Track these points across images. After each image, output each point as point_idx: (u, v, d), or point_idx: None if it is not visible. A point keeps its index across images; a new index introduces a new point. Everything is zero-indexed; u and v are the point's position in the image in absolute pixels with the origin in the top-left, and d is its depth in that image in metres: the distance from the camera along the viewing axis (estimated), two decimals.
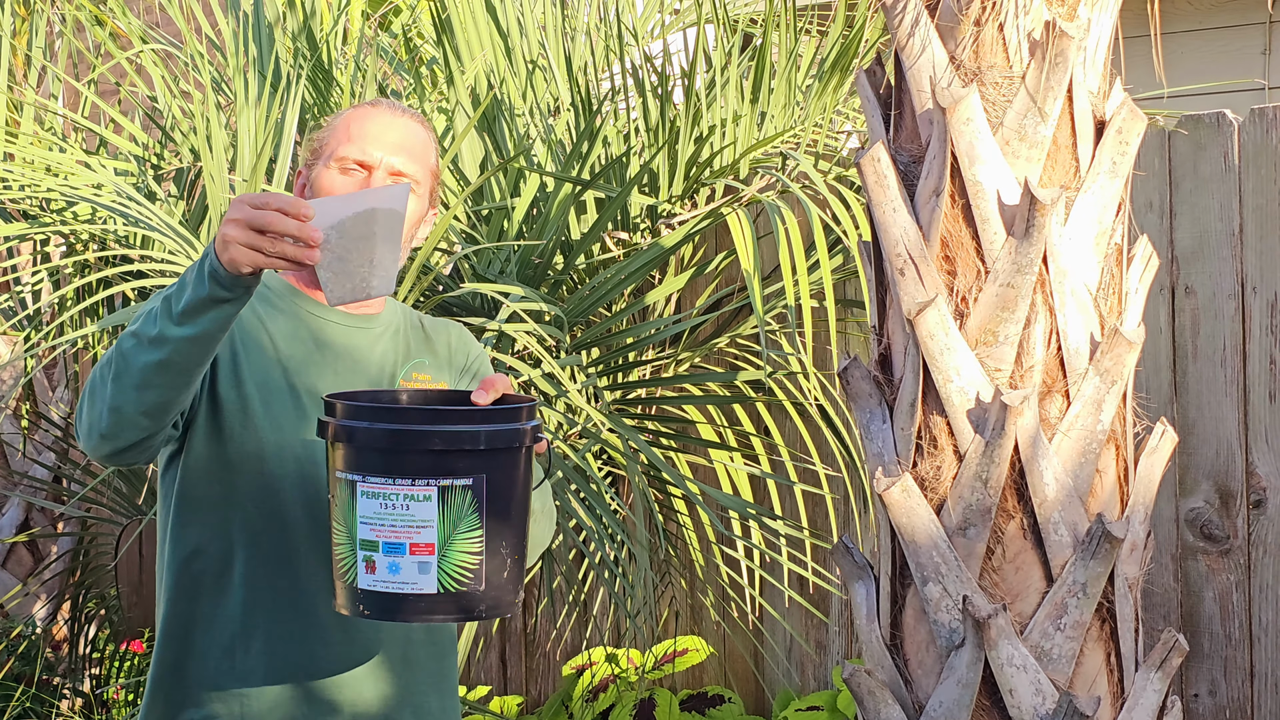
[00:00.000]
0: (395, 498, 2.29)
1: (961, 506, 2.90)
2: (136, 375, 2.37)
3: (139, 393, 2.39)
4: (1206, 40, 6.97)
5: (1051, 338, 2.91)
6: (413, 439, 2.31)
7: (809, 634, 4.95)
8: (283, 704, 2.64)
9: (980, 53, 2.93)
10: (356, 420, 2.32)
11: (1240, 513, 3.89)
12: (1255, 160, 3.84)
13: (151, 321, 2.36)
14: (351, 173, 2.69)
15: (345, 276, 2.34)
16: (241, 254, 2.26)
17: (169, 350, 2.35)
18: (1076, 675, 2.91)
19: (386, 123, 2.74)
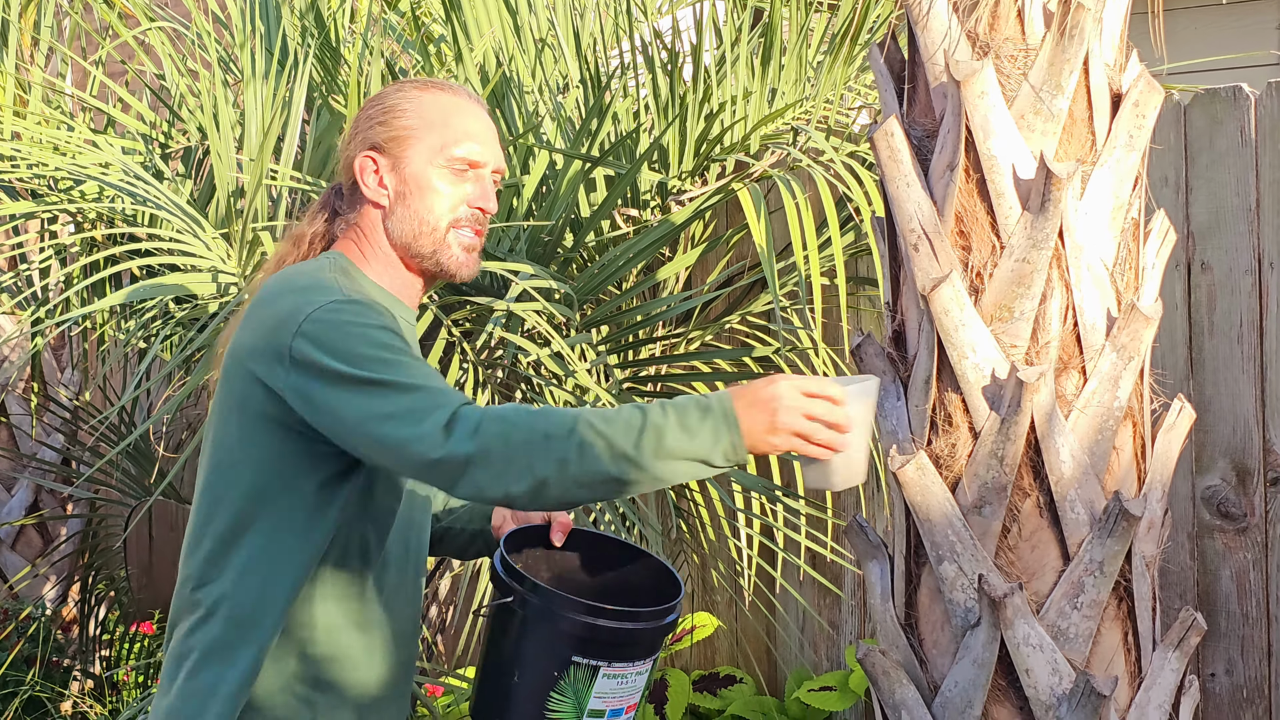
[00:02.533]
0: (630, 676, 2.61)
1: (977, 484, 2.88)
2: (584, 475, 2.36)
3: (573, 488, 2.38)
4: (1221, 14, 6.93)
5: (1067, 313, 2.89)
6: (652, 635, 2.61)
7: (822, 613, 4.93)
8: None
9: (995, 25, 2.91)
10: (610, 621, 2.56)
11: (1258, 490, 3.87)
12: (1272, 134, 3.81)
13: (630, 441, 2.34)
14: (463, 175, 2.66)
15: (849, 463, 2.38)
16: (786, 442, 2.33)
17: (627, 475, 2.36)
18: (1093, 655, 2.90)
19: (478, 115, 2.71)
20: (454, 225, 2.65)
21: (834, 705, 4.68)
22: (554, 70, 4.86)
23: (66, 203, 4.74)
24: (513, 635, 2.62)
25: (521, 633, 2.61)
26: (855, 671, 4.71)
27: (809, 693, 4.72)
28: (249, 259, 4.25)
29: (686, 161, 4.38)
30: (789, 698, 4.90)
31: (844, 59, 4.52)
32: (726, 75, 4.49)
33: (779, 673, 5.07)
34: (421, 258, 2.67)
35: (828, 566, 4.83)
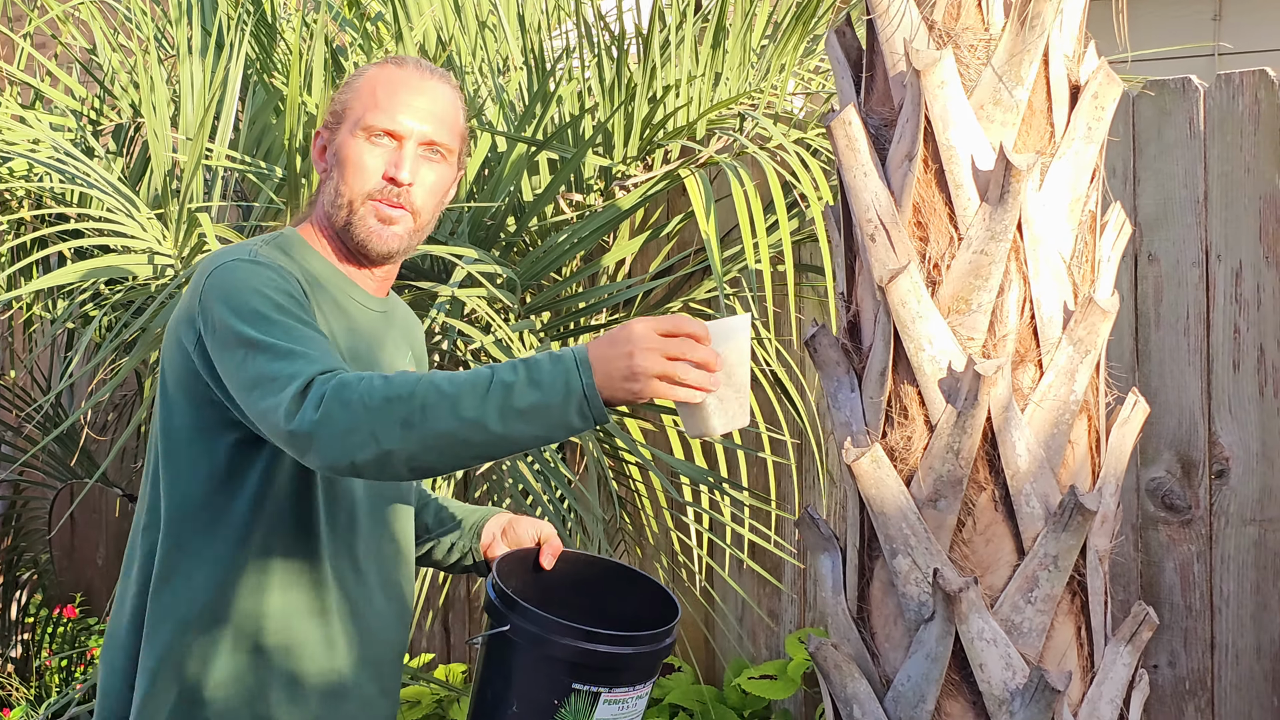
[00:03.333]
0: (630, 702, 2.59)
1: (932, 478, 2.87)
2: (430, 437, 2.26)
3: (421, 451, 2.28)
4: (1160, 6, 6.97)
5: (1025, 306, 2.88)
6: (651, 658, 2.59)
7: (761, 603, 4.92)
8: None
9: (955, 14, 2.89)
10: (608, 646, 2.55)
11: (1202, 483, 3.88)
12: (1221, 127, 3.82)
13: (476, 398, 2.24)
14: (379, 143, 2.60)
15: (726, 404, 2.29)
16: (650, 386, 2.20)
17: (477, 436, 2.25)
18: (1047, 649, 2.89)
19: (415, 87, 2.64)
20: (369, 197, 2.59)
21: (774, 694, 4.68)
22: (496, 51, 4.81)
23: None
24: (510, 665, 2.60)
25: (518, 662, 2.58)
26: (794, 660, 4.71)
27: (750, 681, 4.72)
28: (186, 240, 4.19)
29: (631, 146, 4.35)
30: (728, 686, 4.90)
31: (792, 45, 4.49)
32: (671, 59, 4.46)
33: (717, 662, 5.06)
34: (339, 229, 2.63)
35: (767, 556, 4.82)
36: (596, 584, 2.80)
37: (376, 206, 2.59)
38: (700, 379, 2.21)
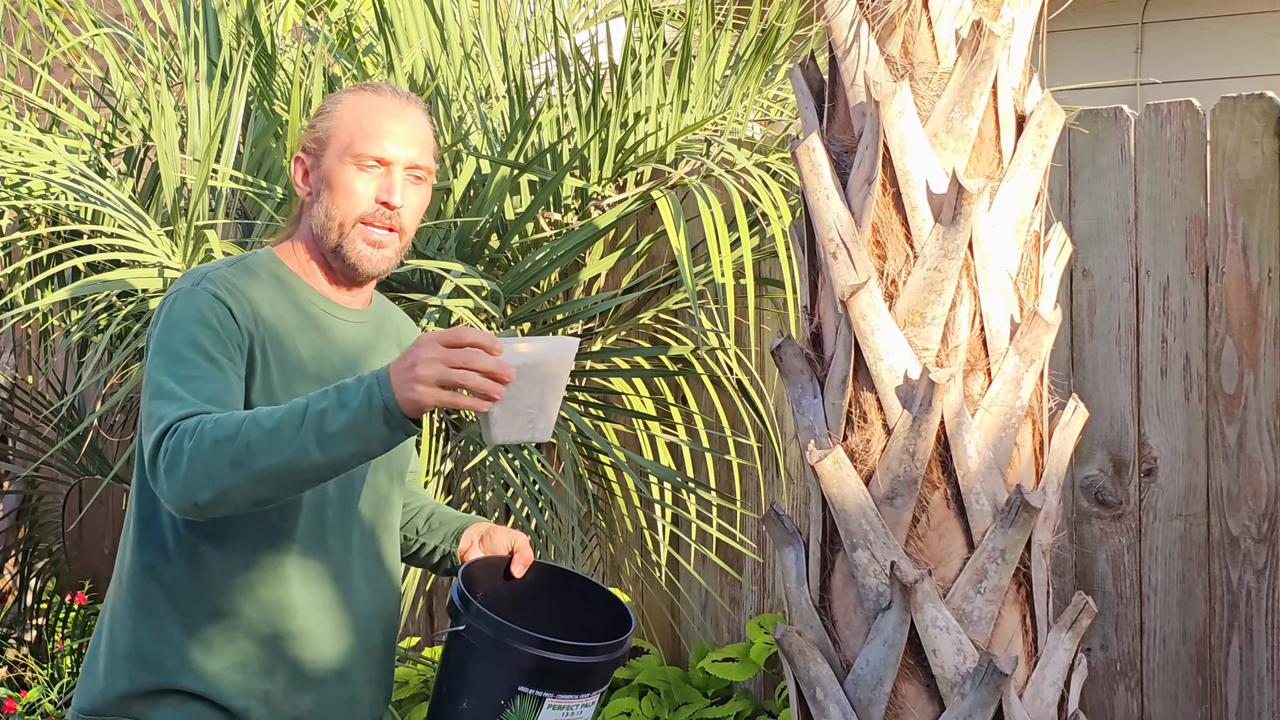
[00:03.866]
0: (575, 709, 2.54)
1: (889, 477, 2.86)
2: (260, 471, 2.27)
3: (253, 485, 2.29)
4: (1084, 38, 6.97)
5: (975, 319, 2.87)
6: (600, 669, 2.56)
7: (723, 590, 4.91)
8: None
9: (911, 49, 2.88)
10: (558, 654, 2.51)
11: (1132, 480, 3.88)
12: (1150, 153, 3.82)
13: (293, 430, 2.25)
14: (369, 170, 2.58)
15: (514, 416, 2.26)
16: (432, 395, 2.19)
17: (303, 462, 2.26)
18: (995, 636, 2.89)
19: (397, 114, 2.61)
20: (361, 220, 2.57)
21: (736, 675, 4.67)
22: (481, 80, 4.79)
23: (14, 199, 4.61)
24: (464, 663, 2.57)
25: (472, 661, 2.56)
26: (755, 644, 4.69)
27: (713, 664, 4.70)
28: (194, 255, 4.16)
29: (606, 169, 4.33)
30: (693, 668, 4.88)
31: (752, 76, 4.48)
32: (642, 88, 4.44)
33: (682, 646, 5.04)
34: (329, 251, 2.60)
35: (729, 549, 4.81)
36: (561, 593, 2.77)
37: (365, 230, 2.57)
38: (484, 387, 2.19)
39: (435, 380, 2.17)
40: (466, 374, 2.17)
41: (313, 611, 2.61)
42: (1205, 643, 3.80)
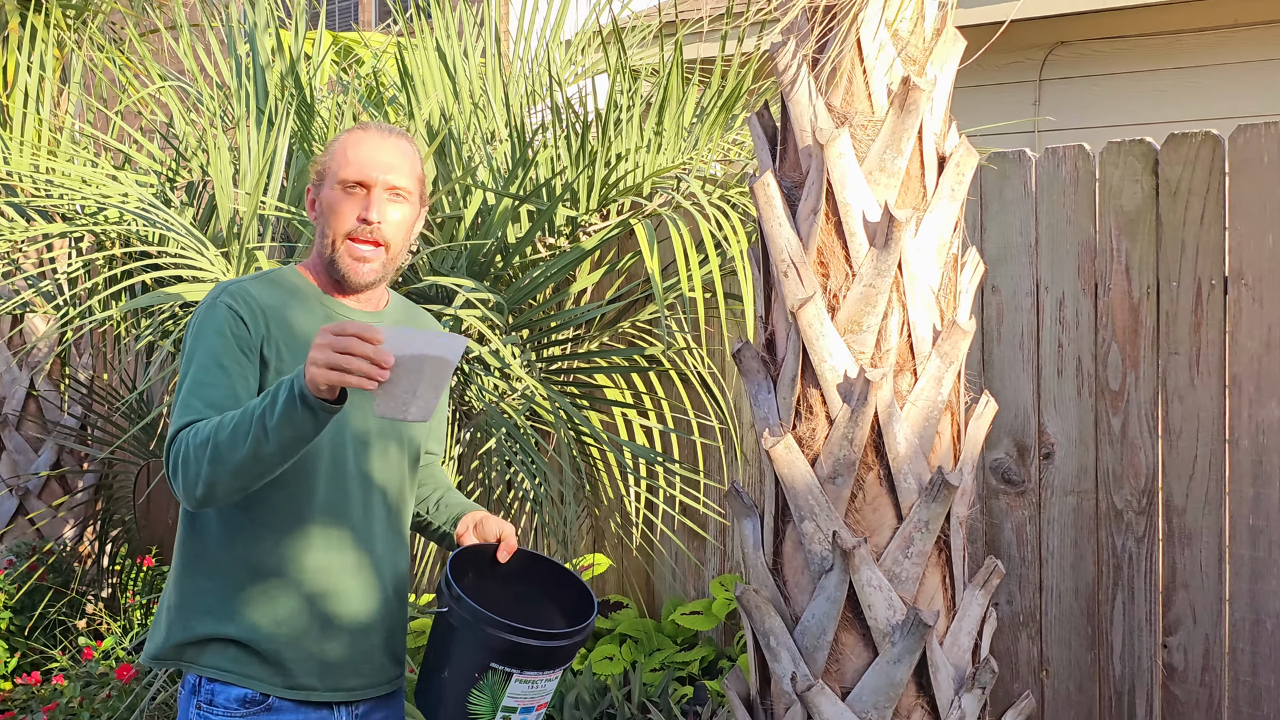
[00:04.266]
0: (539, 683, 2.56)
1: (832, 460, 2.85)
2: (232, 466, 2.33)
3: (232, 478, 2.35)
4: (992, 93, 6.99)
5: (904, 327, 2.86)
6: (561, 652, 2.56)
7: (691, 553, 4.89)
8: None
9: (850, 101, 2.87)
10: (524, 638, 2.51)
11: (1033, 463, 3.88)
12: (1048, 188, 3.81)
13: (247, 427, 2.30)
14: (353, 193, 2.57)
15: (390, 398, 2.28)
16: (322, 375, 2.21)
17: (260, 452, 2.31)
18: (920, 593, 2.88)
19: (377, 144, 2.61)
20: (349, 237, 2.57)
21: (701, 625, 4.66)
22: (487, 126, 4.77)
23: (92, 225, 4.58)
24: (447, 639, 2.58)
25: (452, 638, 2.56)
26: (717, 600, 4.68)
27: (682, 616, 4.69)
28: (244, 272, 4.13)
29: (592, 201, 4.31)
30: (665, 619, 4.87)
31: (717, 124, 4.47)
32: (623, 133, 4.43)
33: (656, 600, 5.03)
34: (327, 264, 2.61)
35: (694, 520, 4.80)
36: (539, 575, 2.77)
37: (351, 246, 2.57)
38: (363, 369, 2.19)
39: (324, 364, 2.20)
40: (348, 359, 2.19)
41: (337, 571, 2.61)
42: (1094, 598, 3.80)
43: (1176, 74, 6.82)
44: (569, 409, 4.13)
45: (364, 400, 2.60)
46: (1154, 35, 6.87)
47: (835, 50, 2.84)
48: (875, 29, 2.84)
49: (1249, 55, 6.61)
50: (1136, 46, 6.91)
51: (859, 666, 2.86)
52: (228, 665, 2.57)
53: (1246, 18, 6.59)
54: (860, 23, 2.82)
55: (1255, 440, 3.48)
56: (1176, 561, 3.64)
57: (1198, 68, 6.75)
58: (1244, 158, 3.45)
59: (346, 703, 2.65)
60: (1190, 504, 3.60)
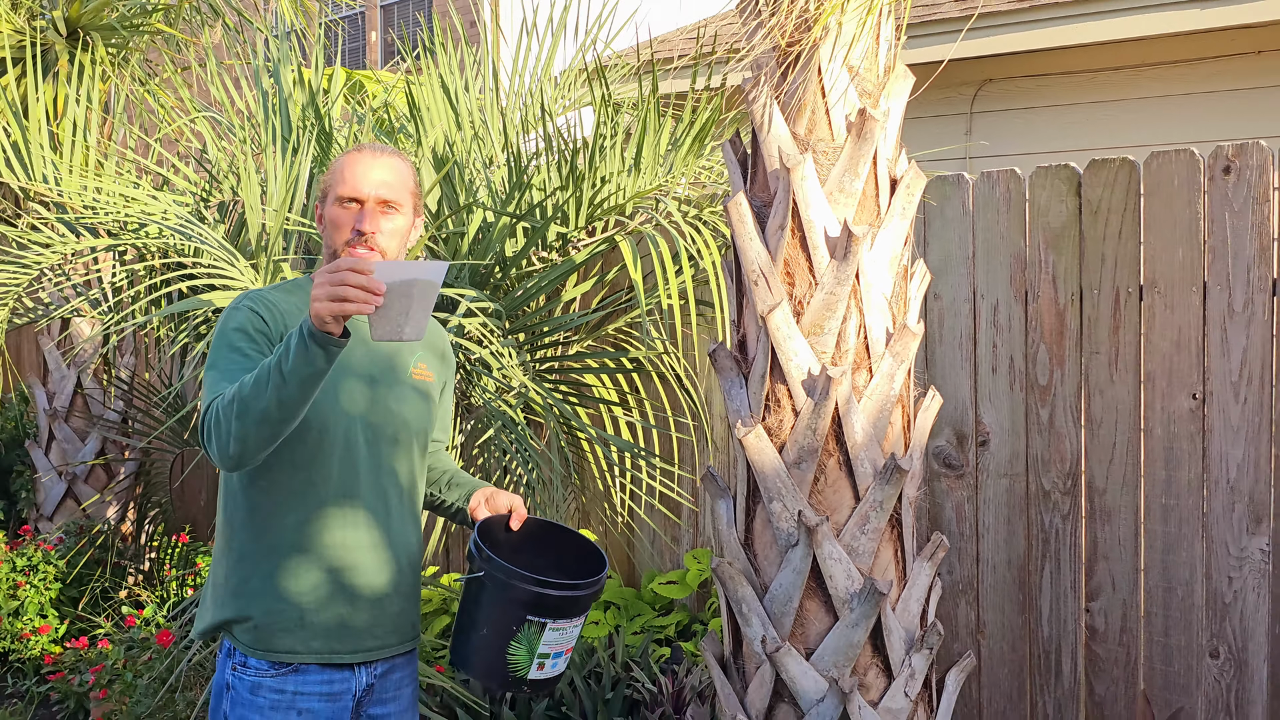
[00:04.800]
0: (568, 629, 2.58)
1: (797, 448, 2.84)
2: (258, 414, 2.29)
3: (259, 427, 2.31)
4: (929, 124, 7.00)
5: (860, 330, 2.85)
6: (585, 600, 2.59)
7: (667, 530, 4.88)
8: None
9: (813, 129, 2.86)
10: (557, 591, 2.54)
11: (971, 449, 3.87)
12: (984, 208, 3.81)
13: (266, 377, 2.28)
14: (349, 207, 2.57)
15: (386, 321, 2.27)
16: (325, 307, 2.19)
17: (282, 396, 2.28)
18: (875, 565, 2.87)
19: (369, 163, 2.60)
20: (347, 246, 2.56)
21: (676, 594, 4.64)
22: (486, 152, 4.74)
23: (135, 240, 4.53)
24: (482, 599, 2.56)
25: (488, 598, 2.55)
26: (690, 571, 4.66)
27: (659, 585, 4.67)
28: (271, 279, 4.09)
29: (581, 219, 4.29)
30: (644, 588, 4.85)
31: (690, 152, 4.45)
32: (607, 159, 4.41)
33: (636, 571, 5.01)
34: None
35: (671, 500, 4.78)
36: (549, 539, 2.77)
37: (350, 253, 2.56)
38: (359, 297, 2.19)
39: (325, 296, 2.19)
40: (345, 289, 2.18)
41: (353, 547, 2.59)
42: (1025, 569, 3.79)
43: (1091, 107, 6.84)
44: (558, 404, 4.11)
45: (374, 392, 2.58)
46: (1072, 73, 6.88)
47: (800, 86, 2.83)
48: (835, 66, 2.83)
49: (1154, 91, 6.63)
50: (1056, 83, 6.92)
51: (821, 630, 2.85)
52: (258, 640, 2.55)
53: (1152, 59, 6.61)
54: (821, 61, 2.81)
55: (1167, 429, 3.49)
56: (1098, 536, 3.64)
57: (1110, 102, 6.77)
58: (1157, 181, 3.45)
59: (366, 663, 2.63)
60: (1110, 485, 3.60)
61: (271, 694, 2.54)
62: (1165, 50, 6.53)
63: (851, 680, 2.81)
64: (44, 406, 6.51)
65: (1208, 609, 3.45)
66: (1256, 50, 6.28)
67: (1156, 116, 6.60)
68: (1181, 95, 6.52)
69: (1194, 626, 3.47)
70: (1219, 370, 3.37)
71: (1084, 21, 6.46)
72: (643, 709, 3.96)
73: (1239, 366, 3.34)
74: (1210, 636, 3.45)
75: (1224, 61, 6.38)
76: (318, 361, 2.26)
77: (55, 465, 6.50)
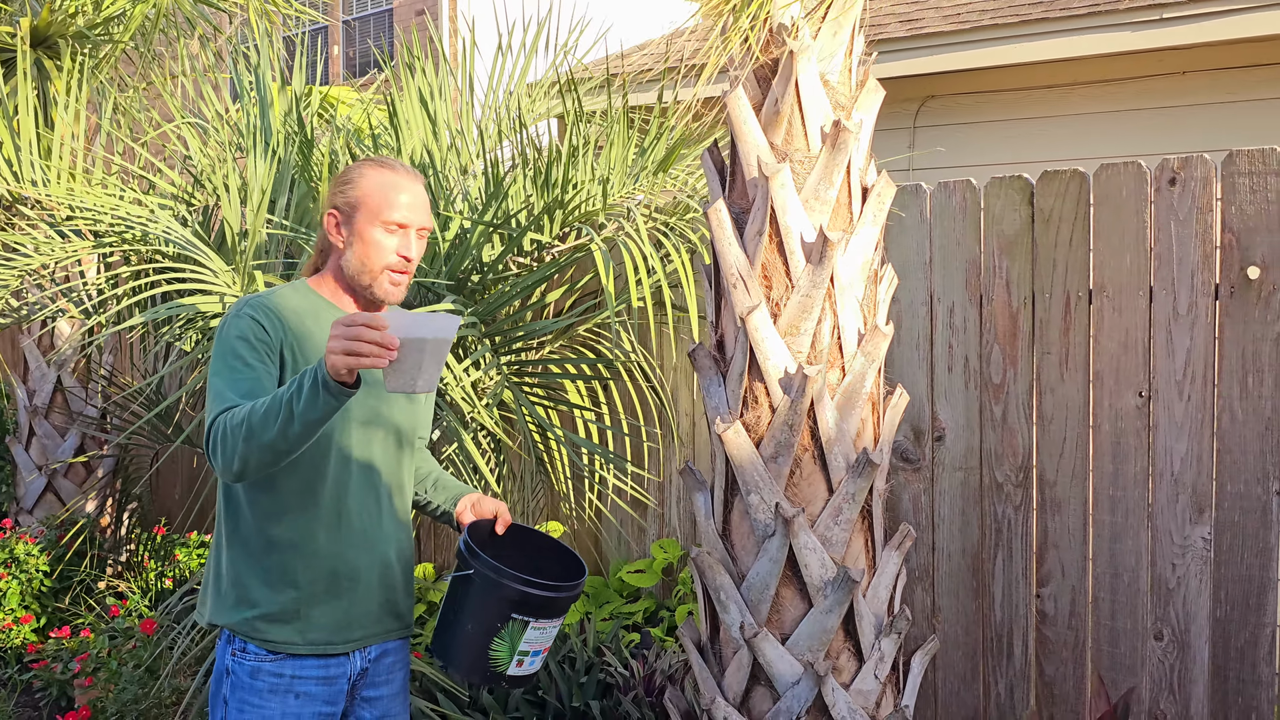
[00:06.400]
0: (548, 628, 2.58)
1: (774, 442, 2.82)
2: (263, 443, 2.26)
3: (261, 453, 2.28)
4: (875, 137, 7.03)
5: (834, 331, 2.84)
6: (566, 601, 2.58)
7: (633, 523, 4.85)
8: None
9: (790, 140, 2.85)
10: (541, 590, 2.53)
11: (928, 444, 3.88)
12: (940, 216, 3.82)
13: (276, 411, 2.24)
14: (396, 232, 2.56)
15: (400, 375, 2.24)
16: (341, 360, 2.16)
17: (288, 432, 2.25)
18: (847, 554, 2.86)
19: (409, 189, 2.59)
20: (387, 268, 2.55)
21: (644, 582, 4.62)
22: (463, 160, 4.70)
23: (121, 242, 4.45)
24: (469, 596, 2.55)
25: (475, 596, 2.54)
26: (657, 559, 4.64)
27: (628, 574, 4.65)
28: (249, 286, 4.03)
29: (555, 226, 4.26)
30: (612, 577, 4.82)
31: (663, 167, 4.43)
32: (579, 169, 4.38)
33: (604, 561, 4.98)
34: (361, 287, 2.57)
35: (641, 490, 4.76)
36: (530, 543, 2.76)
37: (390, 275, 2.56)
38: (374, 353, 2.16)
39: (341, 350, 2.16)
40: (360, 344, 2.16)
41: (345, 544, 2.59)
42: (979, 557, 3.81)
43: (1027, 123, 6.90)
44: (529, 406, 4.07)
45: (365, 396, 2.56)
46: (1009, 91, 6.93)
47: (778, 97, 2.82)
48: (811, 79, 2.82)
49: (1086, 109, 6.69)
50: (994, 100, 6.97)
51: (796, 616, 2.84)
52: (255, 630, 2.53)
53: (1084, 77, 6.68)
54: (799, 74, 2.80)
55: (1114, 425, 3.51)
56: (1048, 526, 3.66)
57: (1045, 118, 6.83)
58: (1106, 191, 3.48)
59: (360, 647, 2.62)
60: (1060, 478, 3.62)
61: (270, 677, 2.53)
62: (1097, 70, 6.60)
63: (826, 664, 2.80)
64: (24, 403, 6.39)
65: (1153, 594, 3.47)
66: (1182, 71, 6.36)
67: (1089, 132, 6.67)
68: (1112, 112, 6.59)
69: (1139, 611, 3.50)
70: (1164, 370, 3.40)
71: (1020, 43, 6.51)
72: (616, 692, 3.94)
73: (1183, 366, 3.36)
74: (1155, 620, 3.47)
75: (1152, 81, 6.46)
76: (325, 408, 2.24)
77: (35, 461, 6.38)
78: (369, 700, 2.66)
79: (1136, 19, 6.10)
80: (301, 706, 2.52)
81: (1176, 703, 3.44)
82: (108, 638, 4.96)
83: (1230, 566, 3.34)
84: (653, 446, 4.72)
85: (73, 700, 5.06)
